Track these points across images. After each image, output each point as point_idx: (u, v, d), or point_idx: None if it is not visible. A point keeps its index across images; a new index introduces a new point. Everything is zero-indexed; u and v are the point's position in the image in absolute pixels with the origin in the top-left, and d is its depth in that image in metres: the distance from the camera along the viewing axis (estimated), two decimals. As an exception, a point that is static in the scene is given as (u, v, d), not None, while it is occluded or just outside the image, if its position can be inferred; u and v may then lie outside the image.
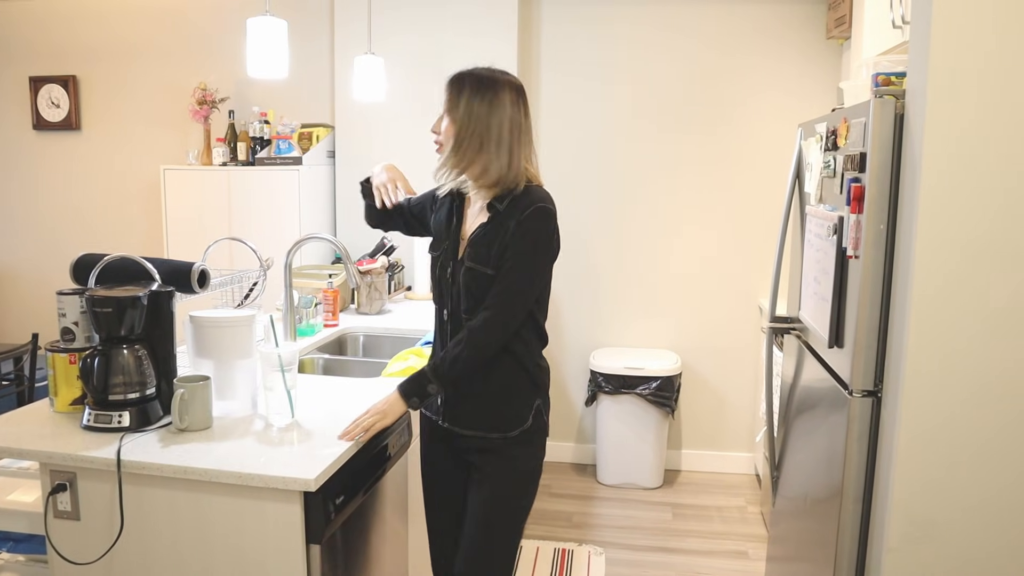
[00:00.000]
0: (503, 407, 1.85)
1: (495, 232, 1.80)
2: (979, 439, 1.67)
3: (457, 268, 1.85)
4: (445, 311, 1.90)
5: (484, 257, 1.80)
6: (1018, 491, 1.67)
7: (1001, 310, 1.63)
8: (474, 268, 1.81)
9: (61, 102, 4.43)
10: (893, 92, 1.79)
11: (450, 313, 1.88)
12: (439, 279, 1.90)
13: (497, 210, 1.81)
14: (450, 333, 1.87)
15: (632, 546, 3.25)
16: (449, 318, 1.88)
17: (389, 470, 2.04)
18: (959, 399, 1.67)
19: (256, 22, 2.34)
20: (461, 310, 1.84)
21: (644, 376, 3.68)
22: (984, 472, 1.68)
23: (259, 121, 3.93)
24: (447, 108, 1.84)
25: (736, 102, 3.83)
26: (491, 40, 3.83)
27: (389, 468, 2.02)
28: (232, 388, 1.93)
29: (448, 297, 1.88)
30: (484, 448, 1.87)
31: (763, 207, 3.86)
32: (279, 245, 3.59)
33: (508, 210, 1.80)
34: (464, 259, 1.84)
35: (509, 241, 1.77)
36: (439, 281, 1.90)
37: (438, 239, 1.95)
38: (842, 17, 3.31)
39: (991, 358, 1.65)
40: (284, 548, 1.60)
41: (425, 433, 2.02)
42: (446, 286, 1.88)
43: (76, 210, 4.54)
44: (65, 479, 1.69)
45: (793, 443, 2.46)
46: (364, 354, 3.05)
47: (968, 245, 1.63)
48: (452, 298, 1.86)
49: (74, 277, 2.10)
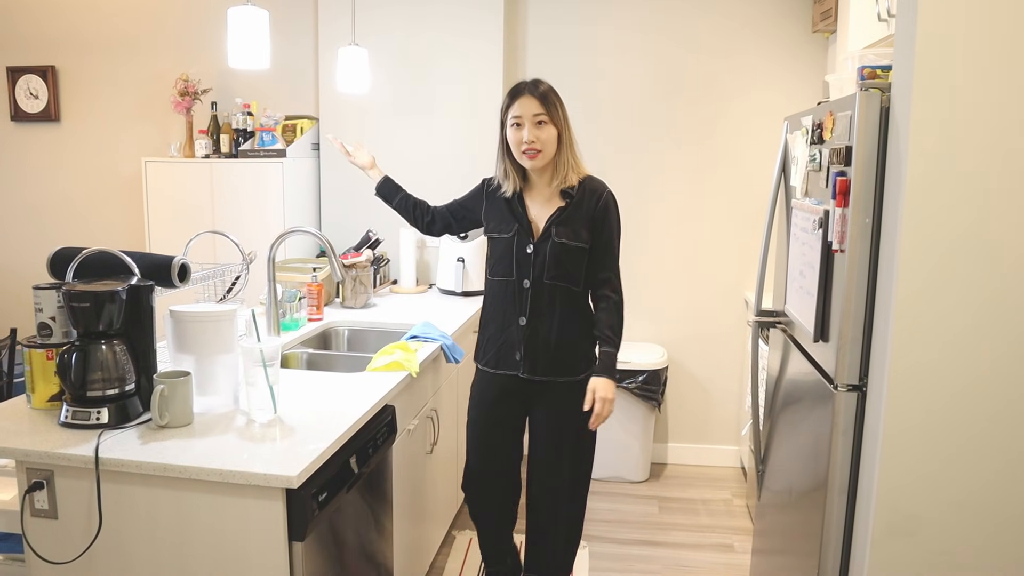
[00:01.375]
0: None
1: (575, 214, 2.30)
2: (963, 433, 1.67)
3: (541, 245, 2.30)
4: (526, 280, 2.33)
5: (573, 235, 2.28)
6: (1001, 485, 1.68)
7: (985, 304, 1.63)
8: (566, 243, 2.28)
9: (40, 93, 4.37)
10: (879, 85, 1.78)
11: (532, 282, 2.32)
12: (517, 255, 2.33)
13: (571, 196, 2.31)
14: (531, 297, 2.32)
15: (617, 539, 3.25)
16: (531, 286, 2.33)
17: (373, 466, 2.02)
18: (943, 393, 1.67)
19: (237, 12, 2.31)
20: (545, 278, 2.30)
21: (630, 370, 3.68)
22: (968, 466, 1.68)
23: (242, 113, 3.89)
24: (548, 116, 2.25)
25: (722, 96, 3.83)
26: (477, 39, 3.80)
27: (373, 464, 2.01)
28: (213, 384, 1.91)
29: (530, 268, 2.32)
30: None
31: (749, 201, 3.86)
32: (262, 238, 3.56)
33: (581, 196, 2.31)
34: (552, 236, 2.28)
35: (599, 221, 2.30)
36: (516, 257, 2.33)
37: (504, 223, 2.37)
38: (828, 10, 3.30)
39: (976, 352, 1.65)
40: (266, 546, 1.58)
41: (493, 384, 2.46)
42: (525, 261, 2.32)
43: (55, 203, 4.48)
44: (42, 477, 1.66)
45: (779, 437, 2.47)
46: (349, 348, 3.03)
47: (953, 239, 1.63)
48: (535, 268, 2.31)
49: (51, 271, 2.07)
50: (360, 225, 3.96)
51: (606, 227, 2.31)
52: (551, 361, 2.34)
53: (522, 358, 2.36)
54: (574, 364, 2.35)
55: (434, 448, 2.76)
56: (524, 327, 2.34)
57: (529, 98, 2.25)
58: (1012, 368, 1.64)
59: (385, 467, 2.17)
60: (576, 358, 2.35)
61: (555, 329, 2.32)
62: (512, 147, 2.30)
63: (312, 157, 3.99)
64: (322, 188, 4.03)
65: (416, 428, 2.51)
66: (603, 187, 2.35)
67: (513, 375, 2.39)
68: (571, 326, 2.33)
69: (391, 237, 3.90)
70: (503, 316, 2.38)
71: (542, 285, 2.31)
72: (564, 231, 2.29)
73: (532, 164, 2.29)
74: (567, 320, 2.32)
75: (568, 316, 2.32)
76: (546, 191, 2.35)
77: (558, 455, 2.39)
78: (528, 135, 2.24)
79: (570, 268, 2.30)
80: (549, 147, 2.27)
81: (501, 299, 2.39)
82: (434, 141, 3.90)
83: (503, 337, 2.39)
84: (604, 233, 2.31)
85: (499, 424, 2.46)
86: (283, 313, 2.80)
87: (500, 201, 2.40)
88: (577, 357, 2.36)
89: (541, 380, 2.36)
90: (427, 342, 2.65)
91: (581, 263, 2.32)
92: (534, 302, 2.33)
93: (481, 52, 3.81)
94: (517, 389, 2.41)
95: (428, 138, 3.91)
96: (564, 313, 2.33)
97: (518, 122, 2.26)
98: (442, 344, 2.68)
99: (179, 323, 1.89)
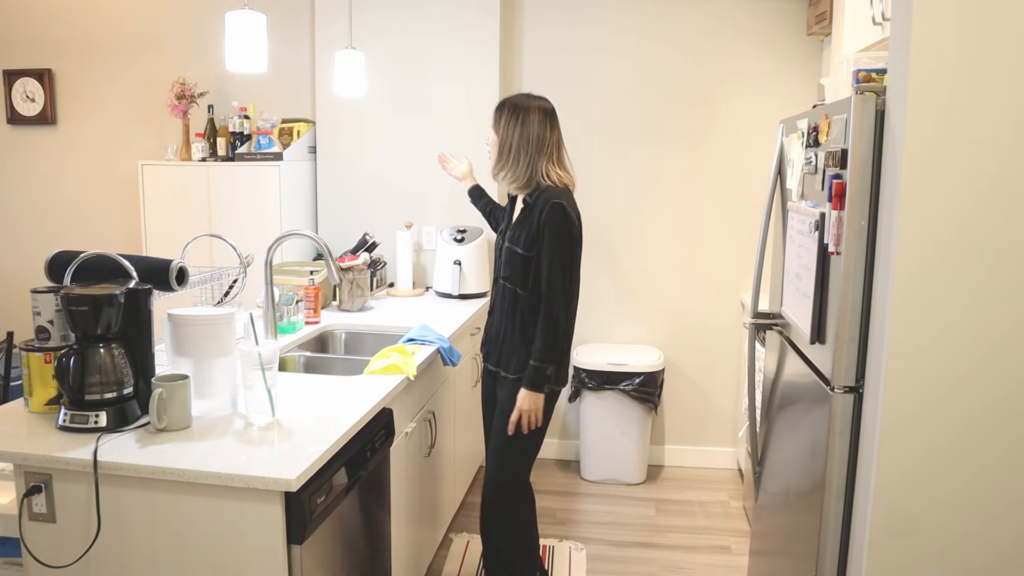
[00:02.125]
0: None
1: (524, 221, 2.42)
2: (959, 434, 1.68)
3: (501, 246, 2.53)
4: (499, 279, 2.53)
5: (518, 240, 2.42)
6: (997, 485, 1.68)
7: (980, 305, 1.64)
8: (511, 248, 2.44)
9: (36, 96, 4.36)
10: (874, 88, 1.79)
11: (495, 279, 2.57)
12: (496, 253, 2.59)
13: (527, 204, 2.43)
14: (497, 294, 2.54)
15: (614, 542, 3.26)
16: (495, 283, 2.57)
17: (371, 468, 2.02)
18: (939, 394, 1.68)
19: (235, 16, 2.31)
20: (500, 276, 2.51)
21: (627, 372, 3.69)
22: (964, 467, 1.69)
23: (239, 116, 3.89)
24: (495, 125, 2.48)
25: (718, 99, 3.84)
26: (473, 43, 3.81)
27: (371, 466, 2.01)
28: (211, 387, 1.91)
29: (499, 266, 2.54)
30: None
31: (745, 203, 3.87)
32: (260, 242, 3.56)
33: (533, 204, 2.41)
34: (506, 240, 2.49)
35: (540, 233, 2.37)
36: (496, 254, 2.59)
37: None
38: (823, 13, 3.32)
39: (970, 353, 1.66)
40: (265, 549, 1.58)
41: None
42: (497, 259, 2.57)
43: (52, 206, 4.47)
44: (40, 481, 1.66)
45: (775, 438, 2.48)
46: (346, 351, 3.03)
47: (947, 241, 1.64)
48: (497, 267, 2.55)
49: (49, 275, 2.07)
50: (357, 228, 3.96)
51: (543, 239, 2.36)
52: (498, 354, 2.53)
53: (488, 349, 2.61)
54: (510, 362, 2.48)
55: (432, 451, 2.76)
56: (489, 320, 2.62)
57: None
58: (1007, 369, 1.65)
59: (383, 470, 2.17)
60: (511, 357, 2.48)
61: (502, 326, 2.51)
62: None
63: (309, 160, 3.99)
64: (319, 191, 4.03)
65: (414, 431, 2.51)
66: (550, 199, 2.36)
67: (486, 365, 2.64)
68: (512, 326, 2.47)
69: (387, 240, 3.91)
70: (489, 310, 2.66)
71: (499, 283, 2.53)
72: (514, 236, 2.46)
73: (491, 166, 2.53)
74: (510, 320, 2.47)
75: (511, 316, 2.46)
76: (519, 195, 2.53)
77: (493, 441, 2.55)
78: (489, 139, 2.53)
79: (516, 271, 2.43)
80: (493, 151, 2.49)
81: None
82: (431, 143, 3.91)
83: (486, 330, 2.65)
84: (541, 244, 2.37)
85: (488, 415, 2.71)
86: (280, 316, 2.80)
87: (506, 206, 2.67)
88: (511, 356, 2.47)
89: (493, 370, 2.58)
90: (424, 345, 2.65)
91: (526, 269, 2.41)
92: (495, 298, 2.56)
93: (477, 56, 3.82)
94: (489, 379, 2.65)
95: (425, 140, 3.91)
96: (509, 312, 2.47)
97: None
98: (439, 347, 2.69)
99: (177, 326, 1.89)
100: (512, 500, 2.54)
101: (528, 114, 2.42)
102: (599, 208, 3.98)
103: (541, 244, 2.36)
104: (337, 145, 3.99)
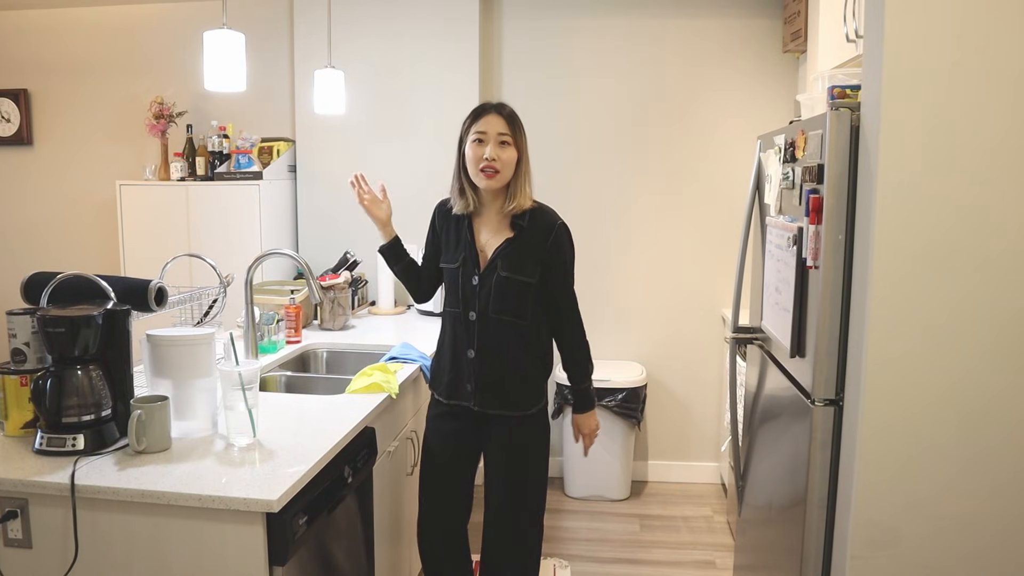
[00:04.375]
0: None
1: (525, 246, 2.20)
2: (940, 445, 1.70)
3: (487, 278, 2.21)
4: (472, 313, 2.23)
5: (518, 268, 2.19)
6: (978, 496, 1.70)
7: (957, 316, 1.66)
8: (511, 277, 2.18)
9: (11, 116, 4.32)
10: (848, 104, 1.82)
11: (478, 315, 2.22)
12: (463, 287, 2.24)
13: (521, 227, 2.20)
14: (478, 331, 2.22)
15: (599, 558, 3.24)
16: (478, 319, 2.22)
17: (354, 488, 2.01)
18: (918, 407, 1.69)
19: (213, 35, 2.31)
20: (491, 311, 2.20)
21: (610, 388, 3.69)
22: (945, 478, 1.71)
23: (218, 135, 3.88)
24: (512, 138, 2.18)
25: (695, 115, 3.88)
26: (452, 53, 3.83)
27: (354, 485, 1.99)
28: (191, 408, 1.89)
29: (475, 300, 2.22)
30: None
31: (724, 219, 3.91)
32: (240, 261, 3.53)
33: (532, 227, 2.21)
34: (497, 270, 2.19)
35: (552, 257, 2.22)
36: (462, 288, 2.24)
37: (452, 252, 2.28)
38: (798, 31, 3.37)
39: (949, 365, 1.68)
40: (247, 571, 1.56)
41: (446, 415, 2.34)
42: (472, 293, 2.22)
43: (28, 227, 4.42)
44: (16, 506, 1.63)
45: (758, 452, 2.49)
46: (328, 370, 3.01)
47: (924, 254, 1.66)
48: (480, 301, 2.21)
49: (25, 296, 2.04)
50: (337, 247, 3.95)
51: (559, 263, 2.25)
52: (503, 395, 2.25)
53: (473, 391, 2.25)
54: (525, 399, 2.27)
55: (415, 469, 2.74)
56: (473, 360, 2.23)
57: (496, 116, 2.17)
58: (986, 379, 1.67)
59: (366, 489, 2.15)
60: (527, 392, 2.27)
61: (505, 363, 2.23)
62: (470, 164, 2.18)
63: (289, 179, 3.98)
64: (299, 210, 4.02)
65: (396, 449, 2.49)
66: (554, 220, 2.24)
67: (466, 406, 2.28)
68: (520, 361, 2.24)
69: (369, 258, 3.89)
70: (454, 347, 2.28)
71: (488, 319, 2.21)
72: (510, 264, 2.19)
73: (488, 184, 2.16)
74: (517, 354, 2.23)
75: (517, 350, 2.23)
76: (496, 218, 2.24)
77: (511, 490, 2.31)
78: (490, 152, 2.14)
79: (515, 302, 2.20)
80: (507, 169, 2.17)
81: (452, 329, 2.29)
82: (410, 160, 3.91)
83: (455, 369, 2.28)
84: (558, 269, 2.25)
85: (456, 459, 2.35)
86: (261, 336, 2.78)
87: (453, 223, 2.29)
88: (528, 391, 2.27)
89: (493, 414, 2.27)
90: (406, 363, 2.64)
91: (527, 297, 2.21)
92: (481, 336, 2.22)
93: (456, 75, 3.83)
94: (470, 421, 2.31)
95: (404, 158, 3.92)
96: (514, 347, 2.23)
97: (481, 138, 2.16)
98: (421, 365, 2.68)
99: (156, 347, 1.87)
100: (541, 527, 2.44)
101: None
102: (579, 225, 4.00)
103: (553, 266, 2.23)
104: (317, 163, 3.98)
